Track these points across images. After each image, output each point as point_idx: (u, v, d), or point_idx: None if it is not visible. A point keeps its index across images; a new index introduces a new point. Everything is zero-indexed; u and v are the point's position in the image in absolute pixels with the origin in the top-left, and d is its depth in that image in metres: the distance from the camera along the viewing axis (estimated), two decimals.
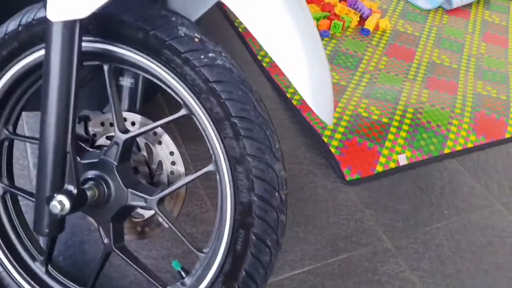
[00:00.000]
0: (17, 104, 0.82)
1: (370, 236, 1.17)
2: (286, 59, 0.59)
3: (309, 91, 0.61)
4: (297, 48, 0.59)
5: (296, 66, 0.60)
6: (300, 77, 0.60)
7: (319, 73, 0.62)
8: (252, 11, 0.59)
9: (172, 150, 0.83)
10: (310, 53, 0.60)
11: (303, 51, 0.60)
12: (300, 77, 0.60)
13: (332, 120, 0.66)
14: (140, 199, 0.77)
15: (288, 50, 0.59)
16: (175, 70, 0.69)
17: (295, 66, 0.60)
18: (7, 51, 0.75)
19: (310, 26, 0.63)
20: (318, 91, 0.62)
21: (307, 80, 0.60)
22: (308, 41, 0.61)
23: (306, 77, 0.60)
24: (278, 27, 0.59)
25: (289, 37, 0.59)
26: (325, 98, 0.63)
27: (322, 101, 0.63)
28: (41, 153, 0.69)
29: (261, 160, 0.68)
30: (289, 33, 0.59)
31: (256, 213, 0.69)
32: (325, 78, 0.63)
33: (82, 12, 0.61)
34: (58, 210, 0.68)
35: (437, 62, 1.83)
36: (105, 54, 0.73)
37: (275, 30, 0.59)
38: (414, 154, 1.40)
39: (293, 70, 0.60)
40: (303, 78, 0.60)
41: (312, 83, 0.61)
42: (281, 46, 0.59)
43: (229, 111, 0.68)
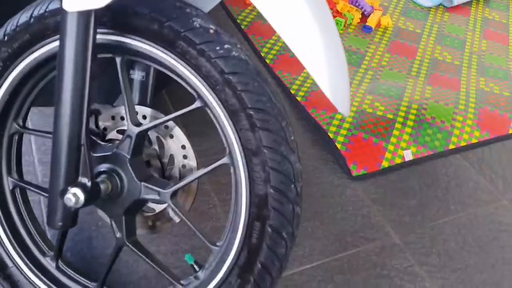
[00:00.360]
0: (27, 98, 0.81)
1: (377, 231, 1.17)
2: (305, 52, 0.60)
3: (327, 84, 0.61)
4: (316, 41, 0.60)
5: (315, 58, 0.60)
6: (319, 69, 0.60)
7: (337, 66, 0.62)
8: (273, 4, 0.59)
9: (184, 144, 0.82)
10: (329, 47, 0.61)
11: (322, 45, 0.60)
12: (318, 70, 0.60)
13: (349, 112, 0.66)
14: (154, 193, 0.76)
15: (308, 43, 0.60)
16: (190, 61, 0.69)
17: (314, 58, 0.60)
18: (19, 44, 0.74)
19: (329, 20, 0.63)
20: (335, 83, 0.62)
21: (325, 73, 0.61)
22: (327, 34, 0.61)
23: (324, 70, 0.60)
24: (298, 20, 0.59)
25: (309, 31, 0.60)
26: (342, 90, 0.63)
27: (339, 93, 0.63)
28: (55, 146, 0.68)
29: (277, 152, 0.68)
30: (309, 26, 0.59)
31: (272, 205, 0.69)
32: (343, 71, 0.63)
33: (99, 2, 0.61)
34: (72, 203, 0.68)
35: (439, 59, 1.83)
36: (118, 46, 0.72)
37: (295, 24, 0.59)
38: (419, 149, 1.40)
39: (312, 62, 0.60)
40: (321, 71, 0.60)
41: (330, 75, 0.61)
42: (300, 40, 0.60)
43: (245, 103, 0.67)
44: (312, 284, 1.03)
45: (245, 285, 0.72)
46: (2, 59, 0.75)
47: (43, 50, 0.75)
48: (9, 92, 0.78)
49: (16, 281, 0.83)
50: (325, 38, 0.61)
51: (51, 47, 0.74)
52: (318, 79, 0.61)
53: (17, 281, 0.83)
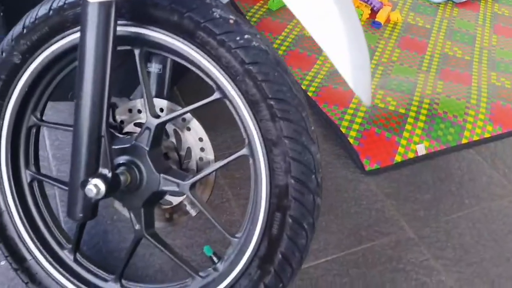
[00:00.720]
0: (46, 90, 0.81)
1: (392, 226, 1.17)
2: (327, 40, 0.60)
3: (349, 73, 0.61)
4: (339, 30, 0.60)
5: (337, 47, 0.61)
6: (341, 58, 0.61)
7: (359, 55, 0.63)
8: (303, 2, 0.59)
9: (201, 136, 0.82)
10: (351, 36, 0.61)
11: (344, 34, 0.61)
12: (340, 58, 0.61)
13: (371, 101, 0.66)
14: (173, 184, 0.76)
15: (331, 32, 0.60)
16: (210, 52, 0.69)
17: (336, 47, 0.61)
18: (37, 36, 0.74)
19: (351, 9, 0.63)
20: (357, 72, 0.62)
21: (348, 62, 0.61)
22: (349, 23, 0.62)
23: (346, 59, 0.61)
24: (321, 9, 0.59)
25: (332, 20, 0.60)
26: (364, 79, 0.63)
27: (361, 82, 0.63)
28: (76, 137, 0.68)
29: (298, 142, 0.67)
30: (332, 15, 0.60)
31: (293, 195, 0.69)
32: (364, 60, 0.64)
33: None
34: (93, 193, 0.68)
35: (450, 54, 1.82)
36: (137, 38, 0.72)
37: (318, 12, 0.59)
38: (432, 144, 1.39)
39: (334, 51, 0.61)
40: (343, 60, 0.61)
41: (352, 64, 0.61)
42: (323, 29, 0.60)
43: (265, 93, 0.67)
44: (327, 278, 1.03)
45: (266, 276, 0.72)
46: (21, 52, 0.75)
47: (62, 42, 0.75)
48: (28, 84, 0.78)
49: (34, 273, 0.83)
50: (347, 27, 0.61)
51: (70, 39, 0.74)
52: (340, 68, 0.61)
53: (35, 274, 0.83)
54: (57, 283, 0.82)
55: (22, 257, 0.83)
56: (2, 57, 0.76)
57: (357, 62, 0.62)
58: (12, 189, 0.82)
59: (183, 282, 0.80)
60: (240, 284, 0.73)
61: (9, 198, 0.82)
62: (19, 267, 0.83)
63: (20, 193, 0.84)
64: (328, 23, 0.60)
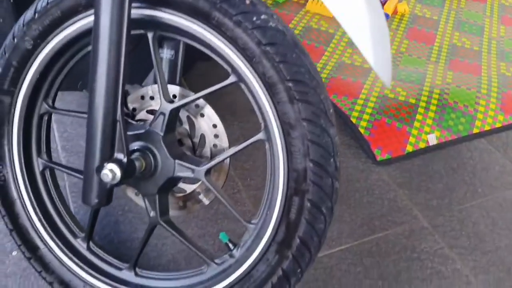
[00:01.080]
0: (57, 77, 0.80)
1: (405, 215, 1.15)
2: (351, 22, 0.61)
3: (371, 54, 0.61)
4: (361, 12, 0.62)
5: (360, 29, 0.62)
6: (363, 39, 0.62)
7: (380, 37, 0.63)
8: None
9: (215, 123, 0.81)
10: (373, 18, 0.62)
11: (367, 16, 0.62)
12: (363, 40, 0.61)
13: (391, 82, 0.65)
14: (187, 170, 0.75)
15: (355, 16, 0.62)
16: (225, 34, 0.68)
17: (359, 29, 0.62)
18: (49, 21, 0.73)
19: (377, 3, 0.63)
20: (379, 54, 0.62)
21: (370, 43, 0.62)
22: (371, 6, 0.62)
23: (368, 40, 0.62)
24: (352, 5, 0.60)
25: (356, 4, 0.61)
26: (385, 61, 0.64)
27: (382, 63, 0.63)
28: (90, 122, 0.67)
29: (317, 125, 0.66)
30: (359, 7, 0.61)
31: (311, 179, 0.67)
32: (385, 42, 0.64)
33: None
34: (109, 178, 0.67)
35: (458, 45, 1.81)
36: (151, 21, 0.71)
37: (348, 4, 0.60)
38: (443, 134, 1.38)
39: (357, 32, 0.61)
40: (366, 41, 0.62)
41: (374, 46, 0.62)
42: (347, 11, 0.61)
43: (283, 74, 0.66)
44: (341, 267, 1.02)
45: (283, 261, 0.70)
46: (33, 37, 0.74)
47: (74, 27, 0.74)
48: (40, 71, 0.77)
49: (48, 262, 0.82)
50: (370, 8, 0.61)
51: (82, 24, 0.73)
52: (363, 49, 0.61)
53: (48, 263, 0.82)
54: (70, 271, 0.81)
55: (35, 246, 0.82)
56: (13, 42, 0.75)
57: (378, 43, 0.63)
58: (25, 178, 0.81)
59: (198, 270, 0.79)
60: (258, 270, 0.72)
61: (22, 187, 0.81)
62: (32, 256, 0.82)
63: (33, 181, 0.83)
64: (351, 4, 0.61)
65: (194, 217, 1.07)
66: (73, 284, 0.81)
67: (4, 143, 0.80)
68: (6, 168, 0.81)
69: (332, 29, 1.79)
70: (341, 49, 1.69)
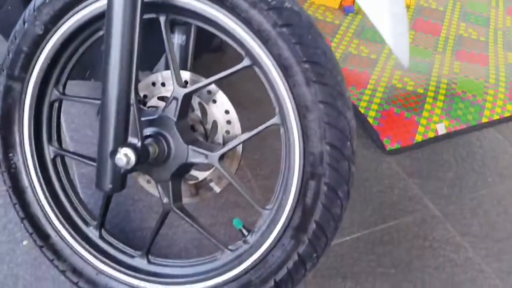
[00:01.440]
0: (68, 63, 0.79)
1: (416, 204, 1.15)
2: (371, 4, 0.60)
3: (390, 36, 0.61)
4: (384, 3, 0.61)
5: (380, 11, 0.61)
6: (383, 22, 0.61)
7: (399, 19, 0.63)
8: None
9: (227, 109, 0.80)
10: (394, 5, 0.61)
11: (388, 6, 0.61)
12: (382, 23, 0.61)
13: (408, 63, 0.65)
14: (201, 156, 0.74)
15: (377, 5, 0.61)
16: (240, 15, 0.67)
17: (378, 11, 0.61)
18: (61, 5, 0.72)
19: None
20: (397, 36, 0.62)
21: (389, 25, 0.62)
22: None
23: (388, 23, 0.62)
24: None
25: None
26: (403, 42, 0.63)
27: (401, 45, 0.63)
28: (104, 106, 0.66)
29: (334, 107, 0.65)
30: None
31: (328, 162, 0.67)
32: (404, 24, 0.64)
33: None
34: (124, 163, 0.66)
35: (465, 35, 1.80)
36: (163, 4, 0.70)
37: None
38: (452, 123, 1.37)
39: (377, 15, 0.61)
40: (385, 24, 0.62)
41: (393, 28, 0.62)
42: None
43: (299, 56, 0.65)
44: (353, 255, 1.01)
45: (299, 246, 0.70)
46: (43, 22, 0.73)
47: (86, 11, 0.73)
48: (50, 57, 0.76)
49: (60, 250, 0.82)
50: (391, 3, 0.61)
51: (93, 8, 0.72)
52: (383, 31, 0.61)
53: (60, 251, 0.82)
54: (83, 259, 0.81)
55: (46, 234, 0.81)
56: (24, 28, 0.74)
57: (397, 25, 0.62)
58: (36, 165, 0.81)
59: (212, 256, 0.78)
60: (273, 255, 0.71)
61: (33, 174, 0.81)
62: (43, 244, 0.82)
63: (44, 169, 0.82)
64: None
65: (205, 206, 1.06)
66: (85, 272, 0.80)
67: (15, 130, 0.79)
68: (17, 156, 0.80)
69: (338, 20, 1.78)
70: (347, 40, 1.68)
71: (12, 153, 0.80)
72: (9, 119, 0.79)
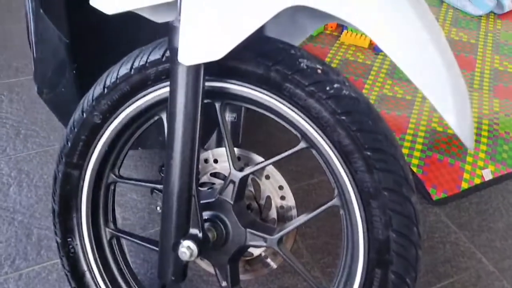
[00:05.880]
0: (124, 147, 0.80)
1: (469, 259, 1.11)
2: (433, 90, 0.58)
3: (454, 120, 0.59)
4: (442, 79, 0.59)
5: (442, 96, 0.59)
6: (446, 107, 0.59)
7: (462, 101, 0.60)
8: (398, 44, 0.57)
9: (281, 184, 0.80)
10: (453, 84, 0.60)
11: (448, 83, 0.59)
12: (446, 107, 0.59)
13: (473, 146, 0.62)
14: (259, 239, 0.74)
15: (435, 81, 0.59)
16: (297, 103, 0.67)
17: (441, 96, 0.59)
18: (118, 96, 0.74)
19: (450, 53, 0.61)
20: (462, 119, 0.60)
21: (452, 110, 0.59)
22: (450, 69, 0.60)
23: (451, 107, 0.60)
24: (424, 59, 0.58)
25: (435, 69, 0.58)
26: (468, 125, 0.61)
27: (466, 128, 0.60)
28: (166, 199, 0.67)
29: (399, 193, 0.64)
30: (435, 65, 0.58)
31: (395, 250, 0.65)
32: (466, 106, 0.61)
33: (216, 55, 0.59)
34: (187, 256, 0.66)
35: (500, 69, 1.76)
36: (220, 92, 0.71)
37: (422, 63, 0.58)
38: (498, 168, 1.33)
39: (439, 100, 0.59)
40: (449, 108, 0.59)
41: (457, 111, 0.59)
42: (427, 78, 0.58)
43: (361, 143, 0.64)
44: None
45: None
46: (102, 111, 0.75)
47: (143, 100, 0.74)
48: (108, 143, 0.77)
49: None
50: (449, 73, 0.59)
51: (151, 97, 0.73)
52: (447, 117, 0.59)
53: None
54: None
55: None
56: (83, 117, 0.76)
57: (460, 105, 0.60)
58: (93, 248, 0.81)
59: None
60: None
61: (91, 258, 0.81)
62: None
63: (101, 251, 0.82)
64: (432, 72, 0.59)
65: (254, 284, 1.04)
66: None
67: (73, 216, 0.80)
68: (75, 240, 0.81)
69: (369, 61, 1.78)
70: (380, 81, 1.67)
71: (70, 237, 0.81)
72: (67, 204, 0.80)
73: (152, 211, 1.18)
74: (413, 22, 0.58)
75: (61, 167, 0.79)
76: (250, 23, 0.58)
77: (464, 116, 0.60)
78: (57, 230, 0.82)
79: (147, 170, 1.27)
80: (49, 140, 1.37)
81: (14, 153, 1.31)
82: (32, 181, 1.23)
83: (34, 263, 1.04)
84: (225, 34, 0.59)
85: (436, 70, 0.58)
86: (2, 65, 1.67)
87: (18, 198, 1.19)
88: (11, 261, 1.05)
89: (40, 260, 1.05)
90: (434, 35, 0.59)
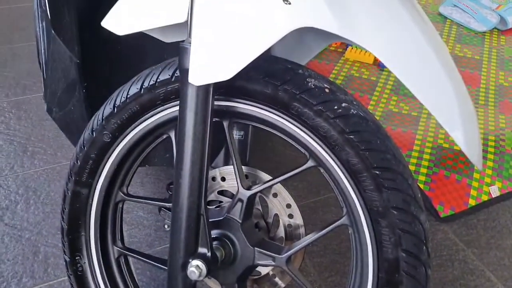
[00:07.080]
0: (133, 165, 0.81)
1: (478, 277, 1.10)
2: (440, 110, 0.59)
3: (463, 140, 0.59)
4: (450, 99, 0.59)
5: (450, 116, 0.60)
6: (454, 126, 0.59)
7: (470, 121, 0.61)
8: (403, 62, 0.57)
9: (289, 203, 0.80)
10: (461, 104, 0.60)
11: (456, 103, 0.59)
12: (454, 126, 0.59)
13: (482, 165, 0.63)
14: (268, 258, 0.73)
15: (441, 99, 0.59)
16: (306, 122, 0.67)
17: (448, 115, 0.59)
18: (128, 115, 0.75)
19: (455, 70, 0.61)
20: (470, 139, 0.60)
21: (460, 129, 0.60)
22: (456, 86, 0.60)
23: (459, 127, 0.60)
24: (430, 76, 0.58)
25: (441, 86, 0.59)
26: (476, 145, 0.61)
27: (474, 148, 0.61)
28: (175, 217, 0.67)
29: (408, 213, 0.64)
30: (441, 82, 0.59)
31: (405, 270, 0.65)
32: (474, 126, 0.62)
33: (226, 75, 0.60)
34: (196, 276, 0.66)
35: (505, 85, 1.77)
36: (228, 111, 0.72)
37: (428, 80, 0.58)
38: (505, 184, 1.33)
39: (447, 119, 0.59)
40: (456, 127, 0.59)
41: (465, 131, 0.60)
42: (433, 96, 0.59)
43: (369, 162, 0.64)
44: None
45: None
46: (111, 131, 0.76)
47: (152, 119, 0.75)
48: (117, 162, 0.78)
49: None
50: (455, 90, 0.60)
51: (160, 116, 0.74)
52: (455, 136, 0.59)
53: None
54: None
55: None
56: (92, 136, 0.77)
57: (468, 125, 0.60)
58: (101, 267, 0.81)
59: None
60: None
61: (99, 276, 0.81)
62: None
63: (108, 269, 0.82)
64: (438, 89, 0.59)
65: None
66: None
67: (82, 234, 0.80)
68: (83, 259, 0.81)
69: (374, 77, 1.79)
70: (386, 97, 1.68)
71: (79, 256, 0.81)
72: (76, 223, 0.80)
73: (159, 228, 1.18)
74: (417, 39, 0.58)
75: (70, 185, 0.79)
76: (259, 45, 0.59)
77: (472, 134, 0.60)
78: (65, 249, 0.82)
79: (153, 187, 1.28)
80: (56, 157, 1.38)
81: (22, 170, 1.32)
82: (39, 198, 1.24)
83: (41, 281, 1.04)
84: (235, 55, 0.59)
85: (442, 88, 0.59)
86: (11, 83, 1.70)
87: (26, 215, 1.19)
88: (18, 279, 1.05)
89: (47, 278, 1.05)
90: (438, 52, 0.60)
